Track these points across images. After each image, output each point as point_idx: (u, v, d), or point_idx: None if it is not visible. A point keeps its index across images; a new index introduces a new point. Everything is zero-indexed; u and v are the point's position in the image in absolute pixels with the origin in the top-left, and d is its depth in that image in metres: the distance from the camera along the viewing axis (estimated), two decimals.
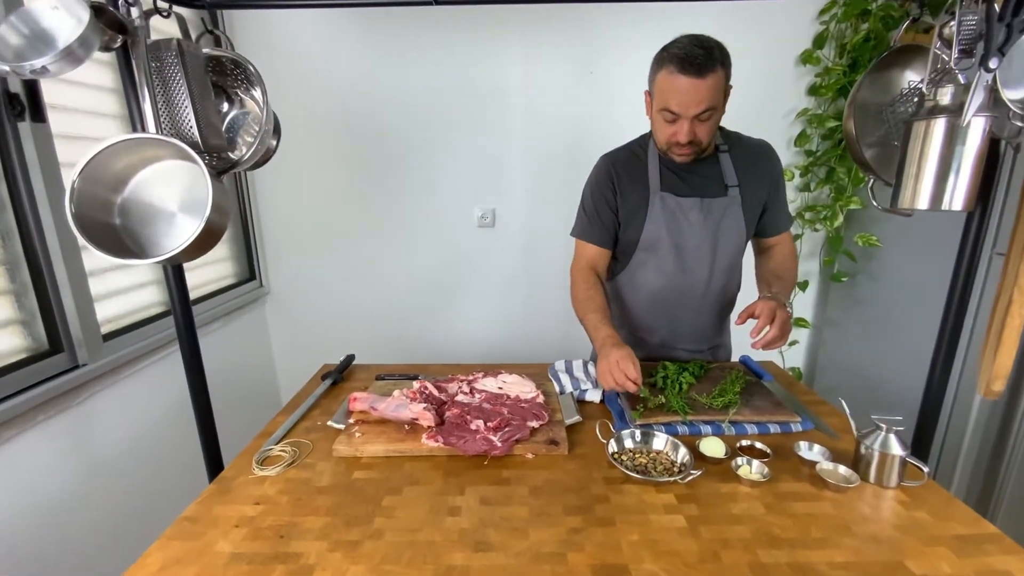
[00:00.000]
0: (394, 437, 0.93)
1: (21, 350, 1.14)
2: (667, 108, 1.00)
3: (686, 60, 0.94)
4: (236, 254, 2.01)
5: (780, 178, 1.19)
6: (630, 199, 1.17)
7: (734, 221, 1.15)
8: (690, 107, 0.98)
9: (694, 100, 0.97)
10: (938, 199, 0.75)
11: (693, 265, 1.18)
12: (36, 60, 0.63)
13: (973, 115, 0.71)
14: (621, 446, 0.90)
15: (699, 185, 1.15)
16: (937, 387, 0.91)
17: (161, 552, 0.69)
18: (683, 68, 0.95)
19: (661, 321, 1.26)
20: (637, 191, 1.17)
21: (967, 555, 0.67)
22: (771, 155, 1.19)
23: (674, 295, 1.22)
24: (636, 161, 1.18)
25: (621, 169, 1.19)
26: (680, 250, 1.17)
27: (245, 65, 0.91)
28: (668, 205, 1.14)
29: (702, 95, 0.96)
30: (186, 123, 0.78)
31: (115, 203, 0.78)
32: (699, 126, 1.01)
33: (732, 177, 1.14)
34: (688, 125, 1.00)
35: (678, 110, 0.99)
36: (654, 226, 1.16)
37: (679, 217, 1.15)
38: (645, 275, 1.22)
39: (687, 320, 1.25)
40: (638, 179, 1.17)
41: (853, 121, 0.90)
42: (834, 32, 1.81)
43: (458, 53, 1.89)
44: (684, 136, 1.01)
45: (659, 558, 0.66)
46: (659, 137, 1.09)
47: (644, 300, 1.25)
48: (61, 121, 1.20)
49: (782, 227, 1.23)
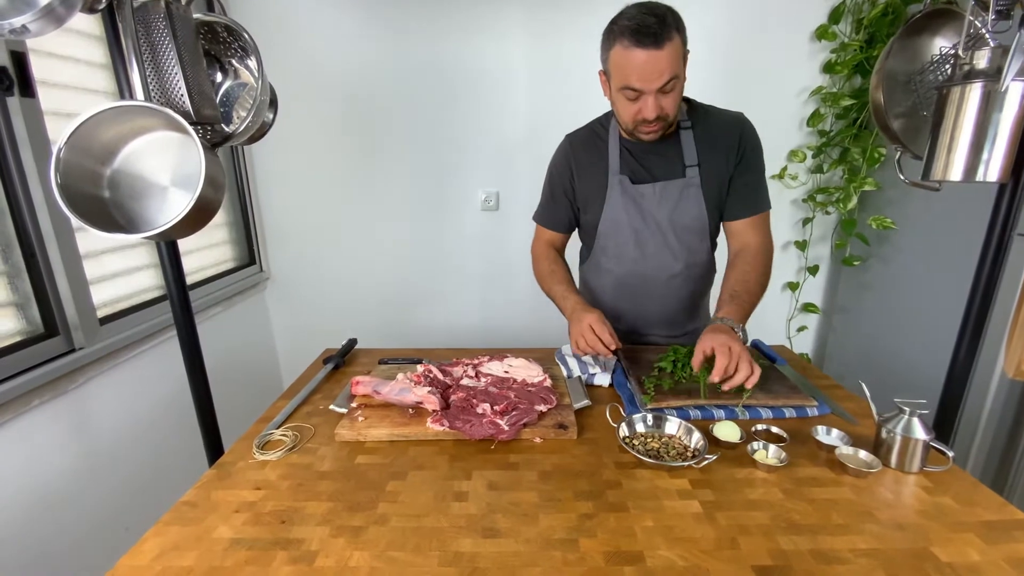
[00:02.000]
0: (398, 421, 0.91)
1: (16, 333, 1.11)
2: (628, 86, 0.93)
3: (640, 31, 0.88)
4: (236, 238, 1.98)
5: (751, 153, 1.08)
6: (588, 182, 1.14)
7: (692, 203, 1.09)
8: (652, 80, 0.91)
9: (655, 72, 0.90)
10: (972, 170, 0.71)
11: (653, 251, 1.14)
12: (15, 18, 0.59)
13: (1012, 80, 0.67)
14: (632, 430, 0.87)
15: (657, 167, 1.10)
16: (961, 370, 0.88)
17: (158, 538, 0.66)
18: (638, 40, 0.88)
19: (626, 306, 1.22)
20: (596, 174, 1.13)
21: (995, 542, 0.64)
22: (740, 127, 1.08)
23: (637, 281, 1.18)
24: (597, 141, 1.14)
25: (581, 151, 1.15)
26: (639, 235, 1.13)
27: (240, 32, 0.86)
28: (627, 189, 1.10)
29: (663, 66, 0.90)
30: (176, 91, 0.74)
31: (104, 175, 0.75)
32: (664, 99, 0.95)
33: (692, 156, 1.08)
34: (653, 100, 0.94)
35: (640, 85, 0.92)
36: (612, 211, 1.12)
37: (636, 202, 1.11)
38: (608, 261, 1.20)
39: (654, 306, 1.21)
40: (597, 162, 1.13)
41: (882, 91, 0.85)
42: (851, 6, 1.75)
43: (462, 33, 1.83)
44: (651, 111, 0.95)
45: (675, 544, 0.64)
46: (623, 117, 1.01)
47: (609, 286, 1.22)
48: (51, 97, 1.16)
49: (751, 209, 1.09)
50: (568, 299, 1.09)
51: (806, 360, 2.20)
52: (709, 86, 1.47)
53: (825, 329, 2.21)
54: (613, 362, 1.13)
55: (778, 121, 1.92)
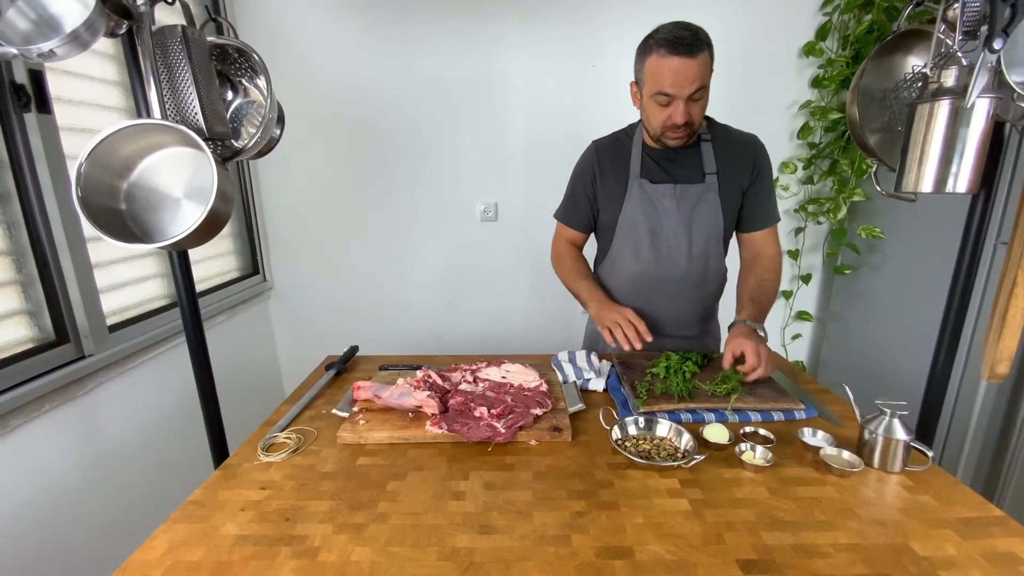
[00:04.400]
0: (398, 424, 0.94)
1: (28, 340, 1.14)
2: (661, 91, 1.02)
3: (675, 42, 0.97)
4: (240, 249, 2.02)
5: (765, 171, 1.19)
6: (610, 185, 1.21)
7: (709, 207, 1.16)
8: (684, 86, 1.00)
9: (687, 79, 0.99)
10: (942, 182, 0.74)
11: (669, 251, 1.20)
12: (43, 43, 0.63)
13: (977, 96, 0.71)
14: (625, 432, 0.90)
15: (677, 172, 1.17)
16: (941, 371, 0.91)
17: (167, 535, 0.69)
18: (674, 49, 0.97)
19: (641, 305, 1.25)
20: (617, 177, 1.20)
21: (972, 537, 0.67)
22: (757, 147, 1.19)
23: (652, 281, 1.23)
24: (620, 147, 1.22)
25: (604, 155, 1.23)
26: (655, 236, 1.19)
27: (249, 53, 0.91)
28: (645, 191, 1.17)
29: (694, 73, 0.98)
30: (191, 110, 0.79)
31: (121, 188, 0.79)
32: (692, 106, 1.03)
33: (711, 165, 1.16)
34: (683, 105, 1.02)
35: (672, 91, 1.00)
36: (630, 211, 1.19)
37: (655, 203, 1.17)
38: (624, 261, 1.24)
39: (667, 306, 1.26)
40: (620, 165, 1.20)
41: (857, 107, 0.90)
42: (837, 23, 1.81)
43: (460, 45, 1.89)
44: (681, 116, 1.03)
45: (663, 540, 0.67)
46: (653, 123, 1.10)
47: (624, 285, 1.27)
48: (66, 113, 1.21)
49: (765, 222, 1.20)
50: (596, 292, 1.18)
51: (800, 367, 2.23)
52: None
53: (819, 337, 2.23)
54: (608, 368, 1.17)
55: (770, 133, 1.94)
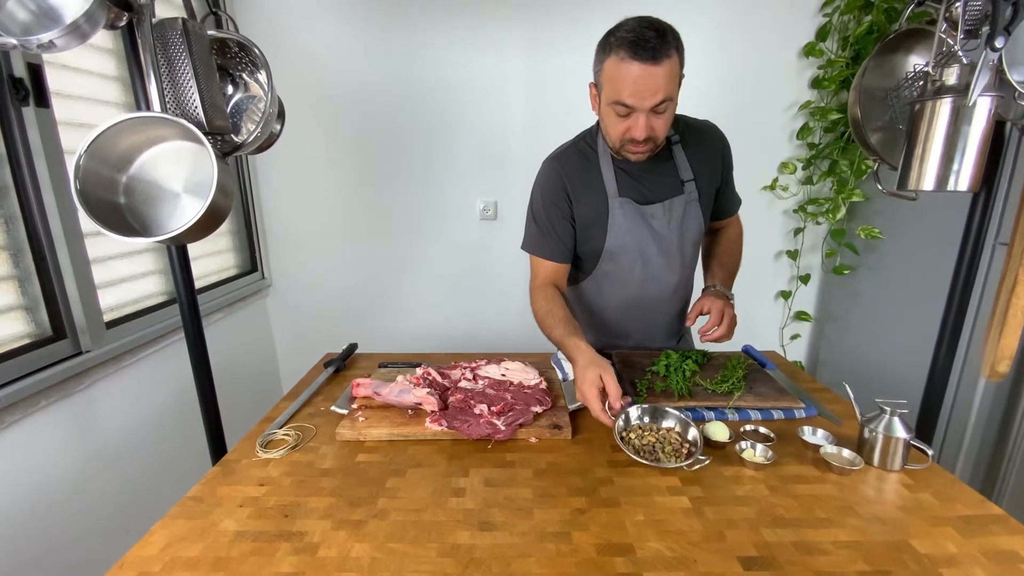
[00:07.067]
0: (397, 421, 0.93)
1: (24, 336, 1.14)
2: (619, 100, 0.88)
3: (638, 44, 0.83)
4: (238, 246, 2.01)
5: (730, 161, 1.14)
6: (586, 208, 1.08)
7: (693, 217, 1.10)
8: (645, 97, 0.86)
9: (649, 89, 0.86)
10: (943, 180, 0.75)
11: (660, 271, 1.13)
12: (43, 34, 0.63)
13: (979, 95, 0.71)
14: (628, 423, 0.89)
15: (657, 185, 1.07)
16: (941, 370, 0.91)
17: (165, 530, 0.69)
18: (635, 53, 0.83)
19: (635, 325, 1.23)
20: (593, 198, 1.07)
21: (972, 535, 0.67)
22: (718, 137, 1.12)
23: (644, 302, 1.18)
24: (587, 164, 1.08)
25: (572, 174, 1.08)
26: (646, 257, 1.11)
27: (250, 48, 0.91)
28: (628, 212, 1.06)
29: (658, 83, 0.85)
30: (191, 103, 0.78)
31: (120, 182, 0.78)
32: (655, 119, 0.90)
33: (687, 171, 1.07)
34: (644, 119, 0.89)
35: (632, 102, 0.87)
36: (617, 236, 1.07)
37: (643, 224, 1.07)
38: (611, 284, 1.16)
39: (659, 320, 1.23)
40: (593, 185, 1.07)
41: (859, 106, 0.90)
42: (837, 24, 1.81)
43: (461, 46, 1.89)
44: (641, 132, 0.90)
45: (664, 537, 0.66)
46: (611, 134, 0.97)
47: (614, 308, 1.20)
48: (64, 108, 1.20)
49: (732, 209, 1.21)
50: (568, 342, 0.97)
51: (799, 367, 2.23)
52: (704, 98, 1.52)
53: (818, 337, 2.24)
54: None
55: (769, 134, 1.98)
